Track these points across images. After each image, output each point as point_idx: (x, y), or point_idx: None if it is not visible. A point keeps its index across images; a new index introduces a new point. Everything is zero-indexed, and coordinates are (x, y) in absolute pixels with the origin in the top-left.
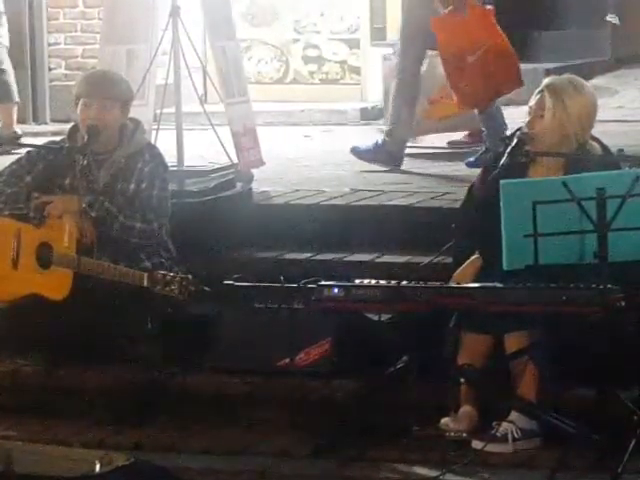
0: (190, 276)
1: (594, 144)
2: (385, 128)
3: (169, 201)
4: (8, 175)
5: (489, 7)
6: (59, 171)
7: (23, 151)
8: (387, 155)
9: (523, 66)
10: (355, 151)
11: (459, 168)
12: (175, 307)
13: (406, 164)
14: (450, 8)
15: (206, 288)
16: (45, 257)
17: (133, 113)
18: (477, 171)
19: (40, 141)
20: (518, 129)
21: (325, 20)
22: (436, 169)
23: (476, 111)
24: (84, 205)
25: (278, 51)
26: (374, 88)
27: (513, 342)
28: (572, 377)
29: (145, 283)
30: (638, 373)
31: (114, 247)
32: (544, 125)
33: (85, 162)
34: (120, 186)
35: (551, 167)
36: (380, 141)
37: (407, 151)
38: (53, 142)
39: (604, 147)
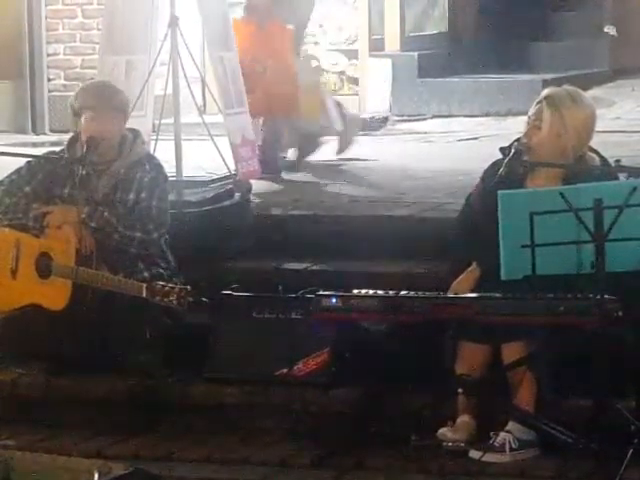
0: (189, 287)
1: (593, 156)
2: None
3: (168, 211)
4: (8, 185)
5: (290, 27)
6: (58, 181)
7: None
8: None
9: (521, 77)
10: None
11: (457, 179)
12: (174, 318)
13: (405, 174)
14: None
15: (204, 299)
16: (44, 267)
17: (132, 123)
18: (476, 181)
19: (39, 151)
20: (516, 140)
21: (324, 31)
22: (434, 180)
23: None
24: (83, 215)
25: None
26: (373, 99)
27: (511, 352)
28: (570, 387)
29: (144, 294)
30: (636, 383)
31: (113, 257)
32: (541, 136)
33: (84, 172)
34: (120, 196)
35: (549, 178)
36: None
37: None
38: (53, 152)
39: (603, 159)
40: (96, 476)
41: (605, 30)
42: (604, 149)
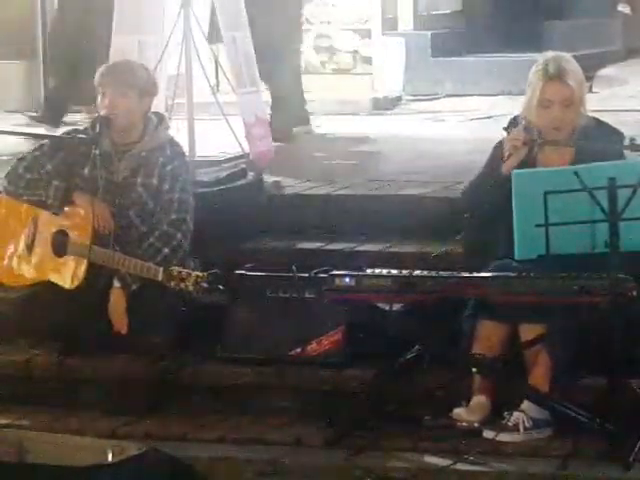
0: (205, 273)
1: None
2: None
3: (190, 200)
4: (30, 161)
5: None
6: (80, 161)
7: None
8: None
9: (535, 55)
10: None
11: (470, 158)
12: (188, 303)
13: (418, 153)
14: None
15: (220, 287)
16: (60, 245)
17: None
18: None
19: (50, 131)
20: (514, 118)
21: (336, 10)
22: (447, 159)
23: None
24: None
25: None
26: (386, 78)
27: (528, 331)
28: (584, 366)
29: (160, 278)
30: None
31: (129, 240)
32: (575, 111)
33: (97, 153)
34: (141, 180)
35: (562, 153)
36: None
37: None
38: (75, 131)
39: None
40: (110, 456)
41: (619, 9)
42: (618, 128)
